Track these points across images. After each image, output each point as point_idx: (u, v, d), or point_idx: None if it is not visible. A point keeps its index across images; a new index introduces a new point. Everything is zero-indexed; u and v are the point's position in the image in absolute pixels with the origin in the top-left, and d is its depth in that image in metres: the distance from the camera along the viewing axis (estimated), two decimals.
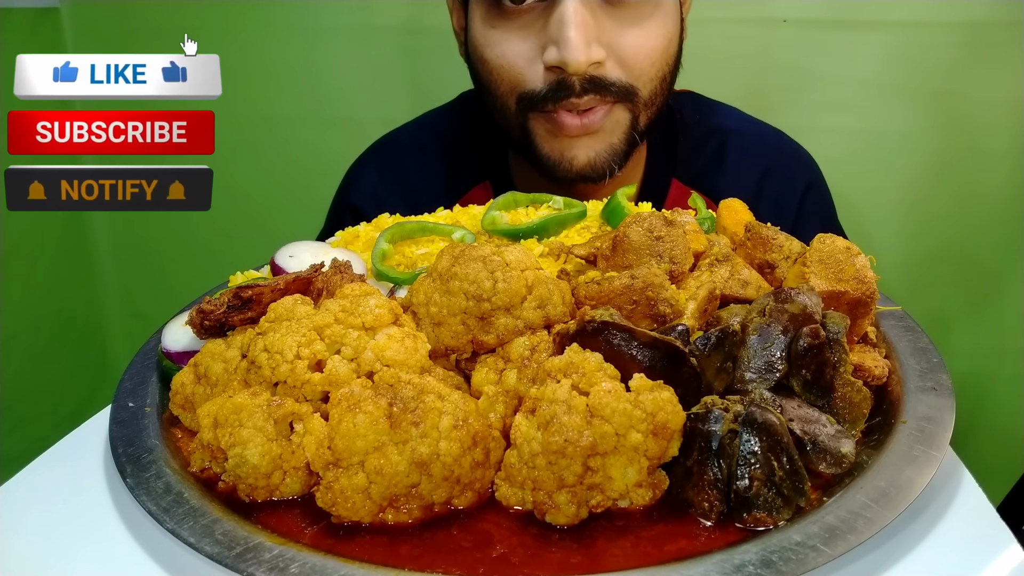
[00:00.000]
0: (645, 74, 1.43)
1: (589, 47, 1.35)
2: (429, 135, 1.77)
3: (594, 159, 1.46)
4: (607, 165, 1.46)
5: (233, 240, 2.49)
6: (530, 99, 1.43)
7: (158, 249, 2.61)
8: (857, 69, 2.11)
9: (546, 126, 1.45)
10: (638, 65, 1.42)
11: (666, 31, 1.44)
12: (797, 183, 1.69)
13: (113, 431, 0.94)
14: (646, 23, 1.41)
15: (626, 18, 1.39)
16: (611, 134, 1.46)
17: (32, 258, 2.36)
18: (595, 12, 1.37)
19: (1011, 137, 2.07)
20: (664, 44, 1.44)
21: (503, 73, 1.45)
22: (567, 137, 1.44)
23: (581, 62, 1.34)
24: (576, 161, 1.46)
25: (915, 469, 0.80)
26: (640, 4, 1.39)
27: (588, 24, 1.35)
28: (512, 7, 1.40)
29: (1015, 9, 1.97)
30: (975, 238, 2.19)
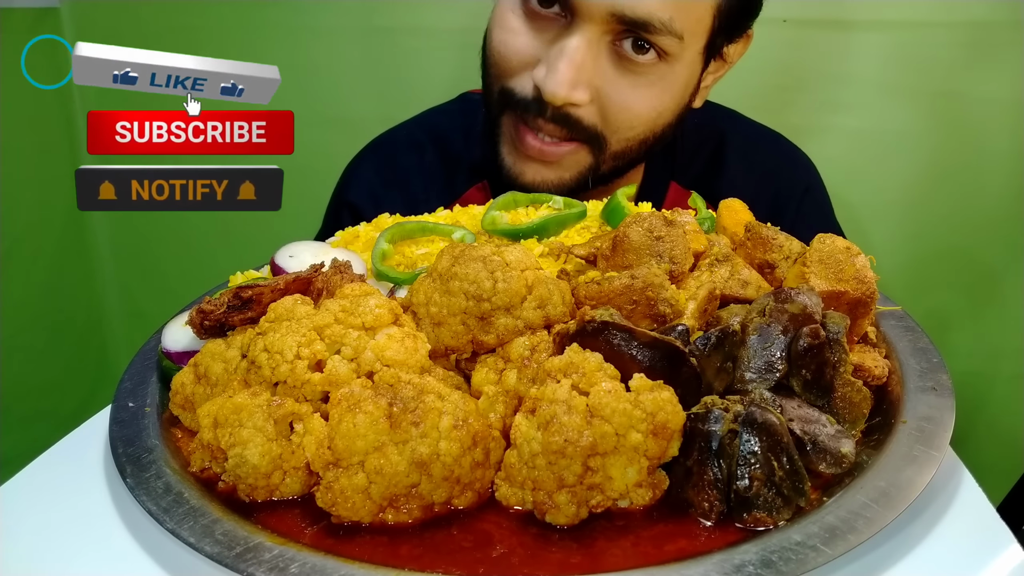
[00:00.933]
0: (621, 132, 1.42)
1: (574, 88, 1.34)
2: (427, 134, 1.77)
3: (539, 183, 1.46)
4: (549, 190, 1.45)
5: (233, 240, 2.49)
6: (509, 97, 1.43)
7: (158, 249, 2.61)
8: (857, 69, 2.11)
9: (511, 131, 1.46)
10: (616, 121, 1.41)
11: (660, 103, 1.42)
12: (796, 186, 1.68)
13: (113, 431, 0.94)
14: (644, 90, 1.39)
15: (626, 75, 1.37)
16: (565, 170, 1.46)
17: (32, 258, 2.36)
18: (599, 56, 1.35)
19: (1011, 137, 2.07)
20: (651, 115, 1.42)
21: (498, 59, 1.45)
22: (523, 154, 1.45)
23: (558, 96, 1.33)
24: (522, 177, 1.47)
25: (915, 469, 0.81)
26: (648, 69, 1.37)
27: (584, 65, 1.33)
28: (535, 9, 1.39)
29: (1015, 9, 1.97)
30: (975, 238, 2.19)
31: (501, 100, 1.45)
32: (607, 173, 1.49)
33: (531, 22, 1.40)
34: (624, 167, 1.51)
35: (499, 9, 1.46)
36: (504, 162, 1.49)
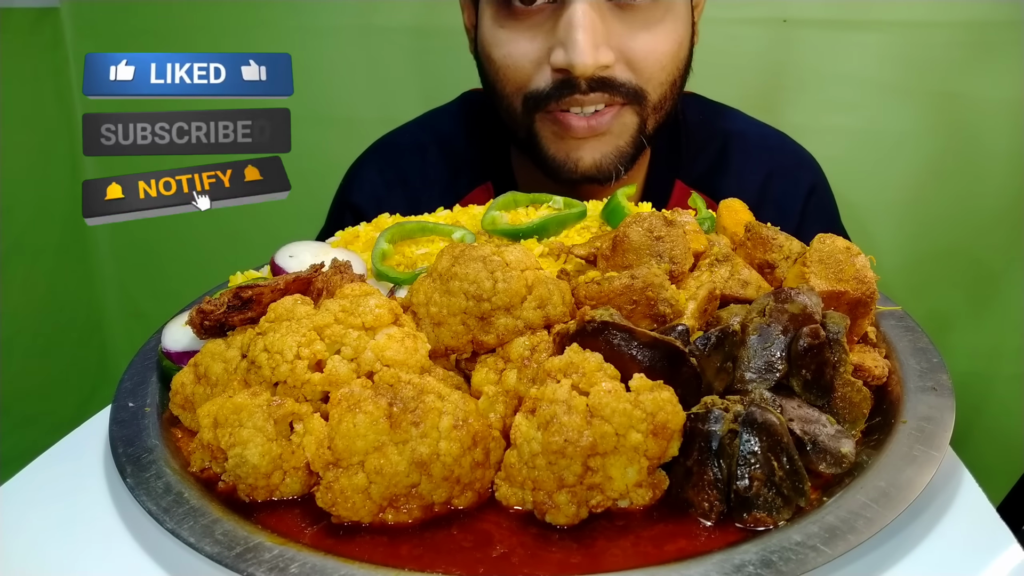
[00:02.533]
0: (655, 77, 1.43)
1: (597, 50, 1.34)
2: (430, 135, 1.77)
3: (600, 160, 1.46)
4: (613, 167, 1.46)
5: (233, 240, 2.49)
6: (535, 99, 1.43)
7: (158, 249, 2.61)
8: (857, 69, 2.11)
9: (552, 127, 1.45)
10: (648, 68, 1.41)
11: (677, 35, 1.43)
12: (801, 186, 1.68)
13: (113, 431, 0.94)
14: (657, 27, 1.40)
15: (636, 22, 1.39)
16: (618, 137, 1.45)
17: (32, 258, 2.36)
18: (605, 15, 1.36)
19: (1011, 137, 2.07)
20: (674, 48, 1.43)
21: (509, 73, 1.45)
22: (573, 139, 1.44)
23: (588, 64, 1.34)
24: (582, 162, 1.46)
25: (915, 469, 0.81)
26: (651, 8, 1.39)
27: (597, 27, 1.34)
28: (522, 8, 1.39)
29: (1015, 9, 1.97)
30: (975, 238, 2.19)
31: (528, 108, 1.45)
32: (653, 131, 1.50)
33: (521, 23, 1.41)
34: (664, 120, 1.51)
35: (485, 33, 1.47)
36: (555, 161, 1.48)
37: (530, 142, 1.49)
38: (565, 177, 1.48)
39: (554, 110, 1.43)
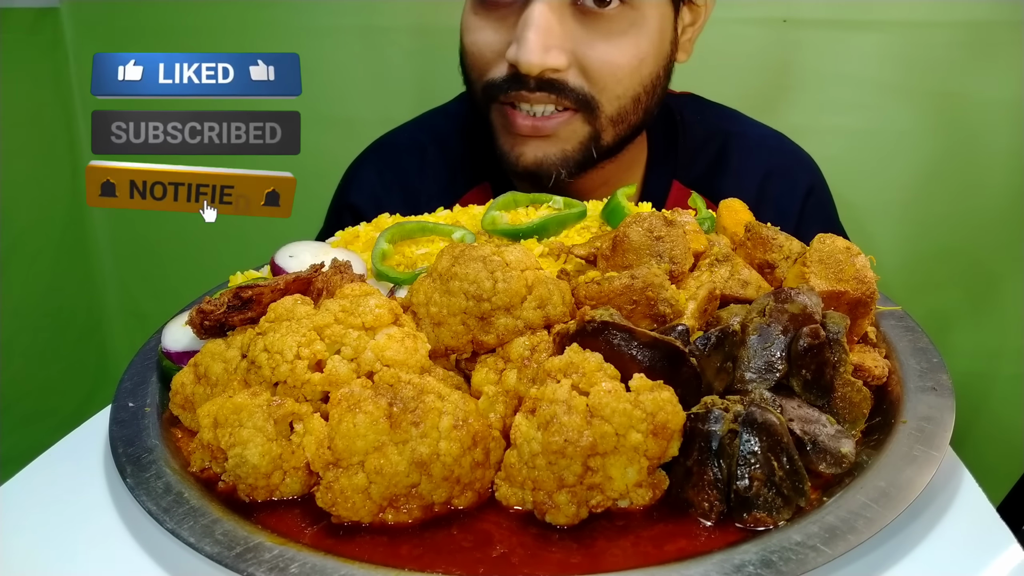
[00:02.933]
0: (610, 90, 1.42)
1: (547, 52, 1.34)
2: (428, 135, 1.77)
3: (542, 160, 1.46)
4: (554, 168, 1.46)
5: (233, 240, 2.49)
6: (490, 88, 1.44)
7: (158, 249, 2.61)
8: (857, 69, 2.11)
9: (502, 120, 1.47)
10: (602, 79, 1.41)
11: (638, 50, 1.42)
12: (799, 187, 1.68)
13: (113, 431, 0.94)
14: (618, 39, 1.39)
15: (598, 30, 1.38)
16: (565, 142, 1.45)
17: (32, 258, 2.36)
18: (565, 19, 1.36)
19: (1011, 137, 2.07)
20: (634, 63, 1.42)
21: (473, 60, 1.47)
22: (518, 135, 1.45)
23: (534, 64, 1.34)
24: (523, 158, 1.47)
25: (915, 469, 0.81)
26: (616, 19, 1.38)
27: (552, 30, 1.34)
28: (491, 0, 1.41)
29: (1015, 9, 1.97)
30: (975, 238, 2.19)
31: (486, 95, 1.47)
32: (612, 144, 1.49)
33: (492, 14, 1.42)
34: (628, 135, 1.50)
35: (463, 16, 1.49)
36: (502, 151, 1.50)
37: (487, 131, 1.52)
38: (508, 169, 1.50)
39: (504, 102, 1.44)
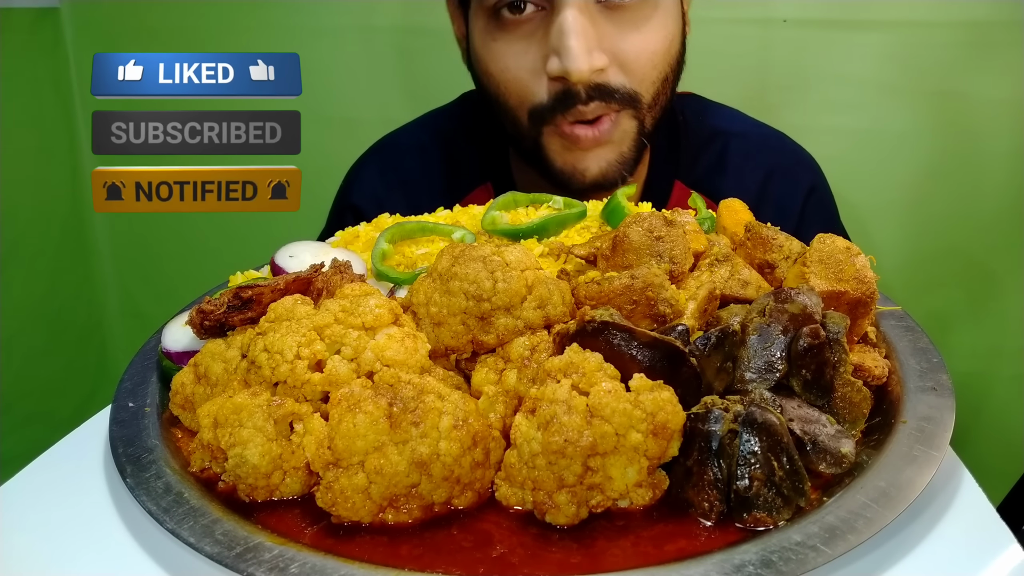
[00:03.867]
0: (647, 77, 1.43)
1: (591, 55, 1.34)
2: (430, 136, 1.77)
3: (606, 169, 1.47)
4: (618, 174, 1.47)
5: (233, 240, 2.49)
6: (540, 112, 1.43)
7: (158, 249, 2.61)
8: (857, 69, 2.11)
9: (560, 141, 1.46)
10: (640, 69, 1.41)
11: (667, 31, 1.43)
12: (800, 186, 1.69)
13: (113, 431, 0.94)
14: (646, 25, 1.40)
15: (626, 22, 1.39)
16: (620, 143, 1.46)
17: (32, 258, 2.36)
18: (595, 18, 1.36)
19: (1011, 137, 2.07)
20: (665, 45, 1.43)
21: (510, 87, 1.45)
22: (580, 150, 1.45)
23: (584, 70, 1.34)
24: (588, 172, 1.47)
25: (915, 469, 0.80)
26: (639, 7, 1.39)
27: (588, 32, 1.34)
28: (511, 18, 1.39)
29: (1015, 9, 1.97)
30: (975, 238, 2.19)
31: (535, 121, 1.45)
32: (652, 129, 1.50)
33: (512, 35, 1.41)
34: (662, 118, 1.51)
35: (478, 47, 1.47)
36: (562, 173, 1.48)
37: (536, 154, 1.50)
38: (574, 187, 1.49)
39: (560, 123, 1.43)
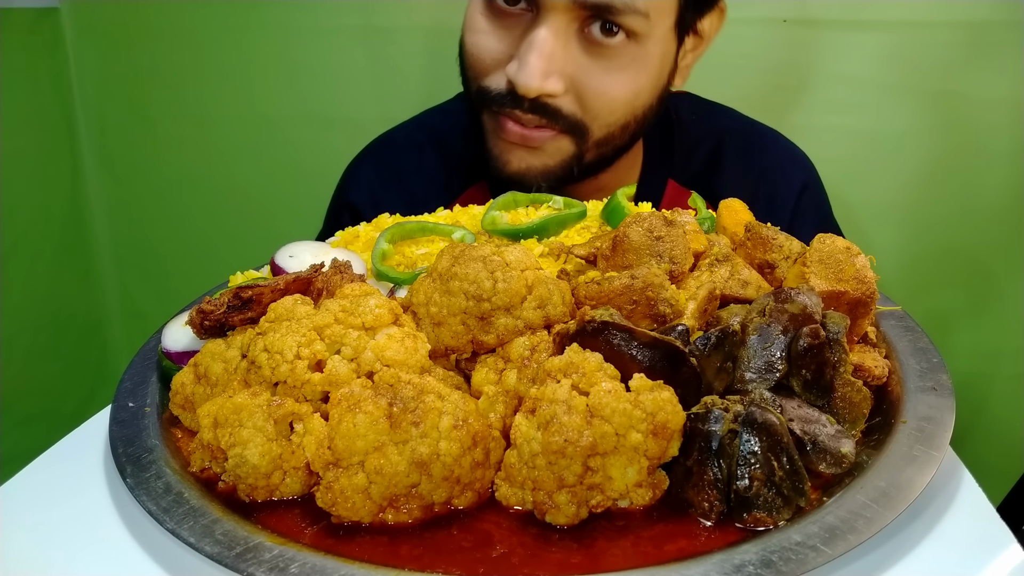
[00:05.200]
0: (601, 118, 1.43)
1: (546, 78, 1.35)
2: (426, 135, 1.78)
3: (525, 170, 1.48)
4: (535, 179, 1.47)
5: (233, 240, 2.49)
6: (483, 96, 1.45)
7: (158, 249, 2.61)
8: (857, 69, 2.11)
9: (493, 124, 1.48)
10: (596, 108, 1.41)
11: (635, 85, 1.42)
12: (793, 184, 1.69)
13: (113, 431, 0.94)
14: (617, 73, 1.40)
15: (599, 61, 1.38)
16: (549, 156, 1.47)
17: (32, 258, 2.36)
18: (569, 44, 1.36)
19: (1011, 137, 2.06)
20: (629, 97, 1.43)
21: (472, 61, 1.47)
22: (506, 141, 1.46)
23: (531, 88, 1.35)
24: (509, 166, 1.48)
25: (915, 469, 0.81)
26: (618, 52, 1.38)
27: (554, 55, 1.35)
28: (502, 7, 1.40)
29: (1015, 9, 1.97)
30: (975, 238, 2.19)
31: (479, 99, 1.47)
32: (593, 162, 1.50)
33: (499, 21, 1.42)
34: (611, 155, 1.51)
35: (469, 12, 1.48)
36: (491, 154, 1.50)
37: (477, 128, 1.52)
38: (493, 173, 1.51)
39: (495, 111, 1.45)
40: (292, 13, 2.28)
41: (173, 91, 2.40)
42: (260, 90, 2.37)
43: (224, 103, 2.39)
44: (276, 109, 2.38)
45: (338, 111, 2.35)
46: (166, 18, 2.31)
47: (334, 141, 2.22)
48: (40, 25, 2.31)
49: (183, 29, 2.33)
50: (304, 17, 2.28)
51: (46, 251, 2.43)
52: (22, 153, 2.27)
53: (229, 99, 2.39)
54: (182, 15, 2.31)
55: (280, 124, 2.39)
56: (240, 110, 2.39)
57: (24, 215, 2.30)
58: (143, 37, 2.35)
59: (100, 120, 2.45)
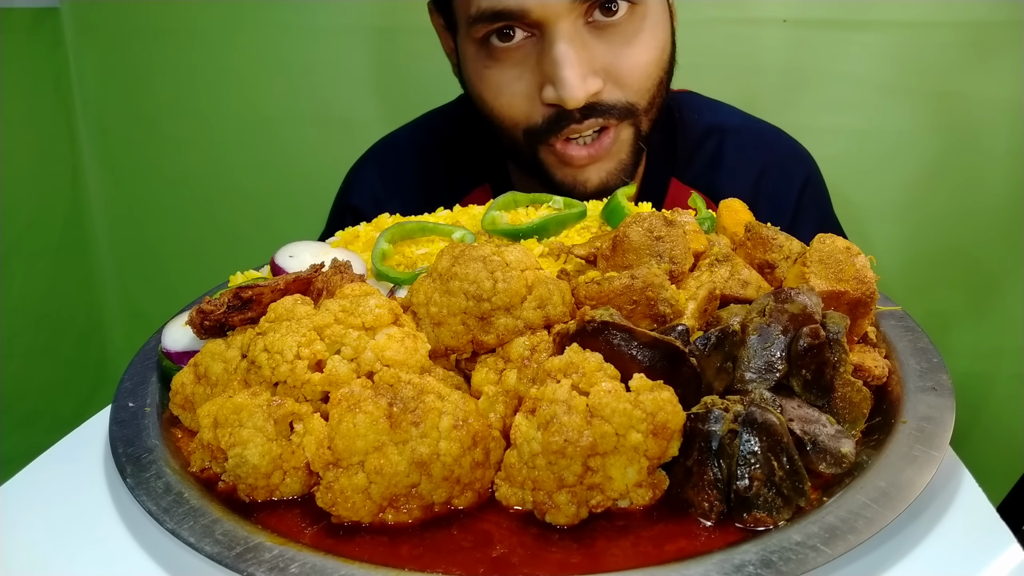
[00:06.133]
0: (643, 87, 1.44)
1: (585, 82, 1.35)
2: (429, 137, 1.78)
3: (606, 179, 1.48)
4: (619, 181, 1.48)
5: (233, 240, 2.49)
6: (535, 133, 1.44)
7: (158, 249, 2.61)
8: (857, 69, 2.11)
9: (555, 158, 1.47)
10: (636, 81, 1.42)
11: (657, 40, 1.43)
12: (795, 180, 1.69)
13: (113, 431, 0.94)
14: (637, 39, 1.40)
15: (617, 39, 1.39)
16: (619, 152, 1.48)
17: (32, 258, 2.37)
18: (586, 42, 1.37)
19: (1011, 137, 2.07)
20: (658, 53, 1.44)
21: (504, 112, 1.46)
22: (578, 166, 1.46)
23: (579, 99, 1.35)
24: (589, 183, 1.48)
25: (915, 469, 0.80)
26: (628, 21, 1.39)
27: (581, 59, 1.35)
28: (501, 47, 1.40)
29: (1015, 9, 1.97)
30: (975, 238, 2.19)
31: (530, 140, 1.46)
32: (649, 130, 1.51)
33: (504, 63, 1.42)
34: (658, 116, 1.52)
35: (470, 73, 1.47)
36: (563, 186, 1.50)
37: (535, 168, 1.51)
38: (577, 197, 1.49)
39: (555, 142, 1.44)
40: (293, 13, 2.28)
41: (173, 91, 2.40)
42: (260, 90, 2.37)
43: (224, 103, 2.39)
44: (276, 109, 2.38)
45: (338, 111, 2.35)
46: (166, 18, 2.32)
47: (334, 141, 2.22)
48: (40, 25, 2.31)
49: (183, 29, 2.33)
50: (305, 17, 2.29)
51: (46, 251, 2.43)
52: (22, 153, 2.27)
53: (229, 99, 2.39)
54: (182, 15, 2.31)
55: (280, 124, 2.39)
56: (240, 110, 2.39)
57: (24, 215, 2.31)
58: (143, 37, 2.35)
59: (100, 120, 2.46)
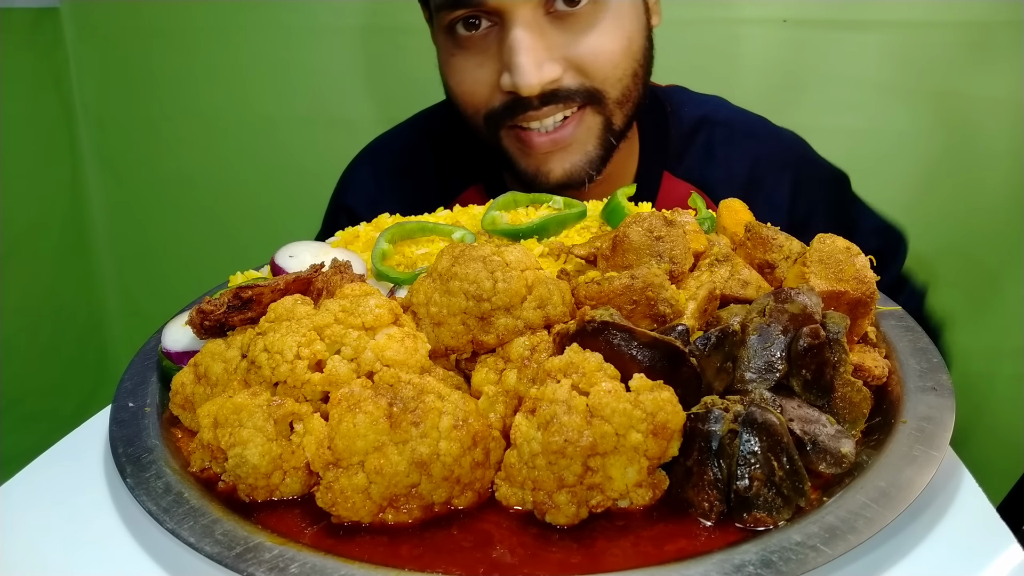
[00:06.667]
0: (610, 76, 1.43)
1: (541, 69, 1.35)
2: (421, 137, 1.78)
3: (570, 170, 1.47)
4: (584, 174, 1.47)
5: (233, 240, 2.49)
6: (493, 117, 1.45)
7: (158, 249, 2.61)
8: (857, 69, 2.11)
9: (516, 144, 1.47)
10: (600, 69, 1.41)
11: (623, 31, 1.42)
12: (787, 169, 1.69)
13: (113, 431, 0.94)
14: (597, 28, 1.40)
15: (577, 27, 1.39)
16: (585, 143, 1.46)
17: (32, 258, 2.37)
18: (544, 30, 1.37)
19: (1011, 137, 2.06)
20: (623, 44, 1.43)
21: (466, 99, 1.47)
22: (539, 154, 1.45)
23: (533, 85, 1.35)
24: (552, 174, 1.47)
25: (915, 469, 0.80)
26: (589, 12, 1.39)
27: (537, 46, 1.35)
28: (466, 35, 1.41)
29: (1015, 9, 1.97)
30: (975, 238, 2.19)
31: (491, 125, 1.46)
32: (623, 126, 1.50)
33: (469, 51, 1.42)
34: (633, 112, 1.51)
35: (441, 58, 1.49)
36: (526, 173, 1.49)
37: (501, 156, 1.51)
38: (539, 188, 1.49)
39: (513, 127, 1.44)
40: (292, 14, 2.28)
41: (173, 91, 2.40)
42: (260, 91, 2.37)
43: (224, 103, 2.39)
44: (276, 110, 2.38)
45: (338, 112, 2.35)
46: (166, 18, 2.32)
47: (334, 141, 2.21)
48: (40, 25, 2.31)
49: (183, 29, 2.33)
50: (304, 18, 2.29)
51: (46, 251, 2.43)
52: (22, 153, 2.27)
53: (229, 99, 2.39)
54: (182, 15, 2.31)
55: (280, 124, 2.39)
56: (240, 110, 2.39)
57: (24, 215, 2.31)
58: (143, 37, 2.35)
59: (100, 120, 2.46)
